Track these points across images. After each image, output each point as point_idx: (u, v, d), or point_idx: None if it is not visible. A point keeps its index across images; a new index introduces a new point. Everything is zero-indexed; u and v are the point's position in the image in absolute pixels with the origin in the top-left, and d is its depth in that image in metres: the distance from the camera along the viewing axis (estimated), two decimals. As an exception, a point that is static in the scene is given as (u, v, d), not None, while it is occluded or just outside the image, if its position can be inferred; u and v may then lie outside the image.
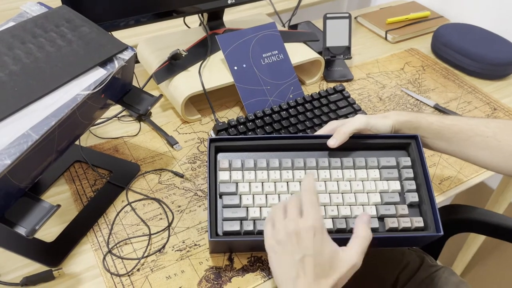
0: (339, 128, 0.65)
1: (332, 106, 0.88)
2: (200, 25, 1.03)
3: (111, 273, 0.62)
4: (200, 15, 0.98)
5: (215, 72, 0.89)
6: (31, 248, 0.64)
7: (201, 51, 0.93)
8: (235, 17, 1.10)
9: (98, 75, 0.62)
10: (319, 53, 1.02)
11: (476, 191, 1.08)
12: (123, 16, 0.83)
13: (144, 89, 0.76)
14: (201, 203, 0.73)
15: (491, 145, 0.64)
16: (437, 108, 0.95)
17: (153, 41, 0.99)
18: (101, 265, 0.64)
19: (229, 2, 0.94)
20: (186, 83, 0.87)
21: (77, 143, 0.79)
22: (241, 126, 0.82)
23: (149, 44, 0.98)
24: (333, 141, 0.65)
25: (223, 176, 0.64)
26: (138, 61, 1.00)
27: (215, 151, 0.66)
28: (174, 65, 0.89)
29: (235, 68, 0.87)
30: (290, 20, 1.16)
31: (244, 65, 0.88)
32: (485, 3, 1.21)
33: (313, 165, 0.65)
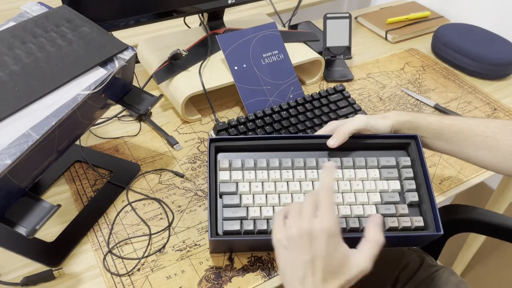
0: (339, 128, 0.65)
1: (332, 106, 0.88)
2: (200, 25, 1.03)
3: (112, 273, 0.63)
4: (200, 15, 0.98)
5: (215, 72, 0.89)
6: (32, 248, 0.64)
7: (201, 51, 0.94)
8: (235, 17, 1.11)
9: (98, 75, 0.62)
10: (319, 53, 1.02)
11: (476, 191, 1.08)
12: (123, 16, 0.84)
13: (144, 89, 0.76)
14: (201, 203, 0.73)
15: (491, 145, 0.64)
16: (437, 108, 0.95)
17: (153, 41, 0.99)
18: (101, 265, 0.64)
19: (229, 2, 0.94)
20: (186, 83, 0.87)
21: (77, 143, 0.79)
22: (241, 126, 0.82)
23: (149, 44, 0.98)
24: (333, 141, 0.65)
25: (223, 176, 0.64)
26: (138, 61, 1.00)
27: (215, 151, 0.66)
28: (174, 65, 0.89)
29: (235, 68, 0.87)
30: (290, 20, 1.16)
31: (244, 65, 0.88)
32: (485, 3, 1.21)
33: (313, 165, 0.65)
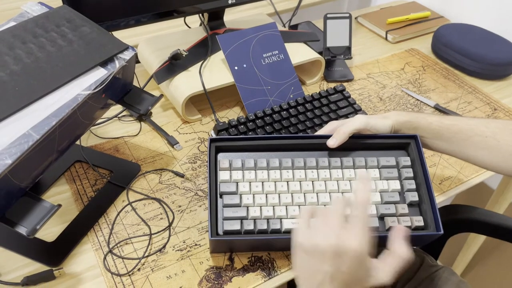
0: (339, 128, 0.66)
1: (332, 106, 0.88)
2: (200, 25, 1.03)
3: (112, 273, 0.63)
4: (200, 15, 0.98)
5: (216, 72, 0.89)
6: (32, 247, 0.65)
7: (201, 51, 0.94)
8: (236, 17, 1.11)
9: (98, 75, 0.62)
10: (320, 53, 1.02)
11: (476, 191, 1.08)
12: (123, 16, 0.84)
13: (144, 89, 0.77)
14: (201, 203, 0.73)
15: (490, 145, 0.65)
16: (437, 108, 0.95)
17: (154, 41, 0.99)
18: (101, 265, 0.64)
19: (229, 2, 0.94)
20: (186, 83, 0.87)
21: (77, 143, 0.79)
22: (242, 126, 0.82)
23: (150, 44, 0.98)
24: (333, 141, 0.65)
25: (223, 175, 0.64)
26: (138, 61, 1.00)
27: (216, 151, 0.66)
28: (174, 65, 0.89)
29: (236, 68, 0.87)
30: (290, 20, 1.16)
31: (244, 65, 0.88)
32: (485, 3, 1.21)
33: (313, 164, 0.66)
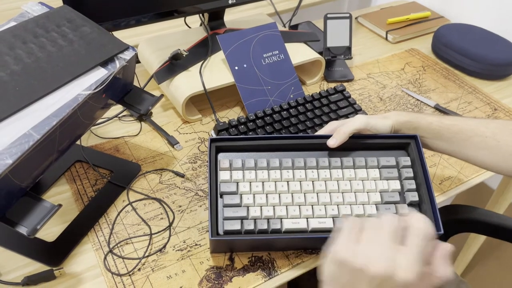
0: (339, 128, 0.66)
1: (332, 106, 0.88)
2: (200, 25, 1.03)
3: (112, 273, 0.63)
4: (201, 15, 0.98)
5: (216, 72, 0.89)
6: (32, 247, 0.65)
7: (201, 51, 0.94)
8: (236, 17, 1.11)
9: (99, 75, 0.62)
10: (320, 53, 1.02)
11: (476, 191, 1.08)
12: (124, 16, 0.84)
13: (145, 89, 0.77)
14: (202, 203, 0.73)
15: (490, 145, 0.65)
16: (437, 108, 0.95)
17: (154, 41, 0.99)
18: (102, 265, 0.64)
19: (229, 2, 0.94)
20: (187, 83, 0.87)
21: (78, 143, 0.79)
22: (242, 126, 0.82)
23: (150, 44, 0.98)
24: (333, 141, 0.65)
25: (223, 175, 0.64)
26: (139, 61, 1.00)
27: (216, 151, 0.66)
28: (174, 65, 0.89)
29: (236, 68, 0.87)
30: (290, 20, 1.16)
31: (244, 65, 0.88)
32: (485, 3, 1.21)
33: (313, 164, 0.66)
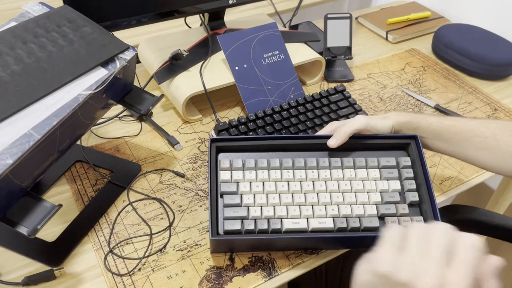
0: (339, 128, 0.66)
1: (333, 106, 0.88)
2: (201, 25, 1.03)
3: (112, 273, 0.63)
4: (201, 15, 0.98)
5: (216, 72, 0.89)
6: (33, 247, 0.65)
7: (202, 51, 0.94)
8: (236, 17, 1.11)
9: (99, 75, 0.62)
10: (320, 53, 1.02)
11: (476, 191, 1.08)
12: (124, 16, 0.84)
13: (145, 89, 0.77)
14: (202, 203, 0.73)
15: (490, 145, 0.65)
16: (437, 108, 0.95)
17: (154, 41, 0.99)
18: (102, 265, 0.64)
19: (230, 2, 0.94)
20: (187, 83, 0.87)
21: (78, 143, 0.79)
22: (242, 126, 0.82)
23: (150, 44, 0.98)
24: (333, 141, 0.65)
25: (224, 175, 0.64)
26: (139, 61, 1.00)
27: (216, 151, 0.66)
28: (175, 65, 0.89)
29: (236, 68, 0.87)
30: (291, 20, 1.16)
31: (245, 65, 0.88)
32: (486, 4, 1.21)
33: (314, 165, 0.66)
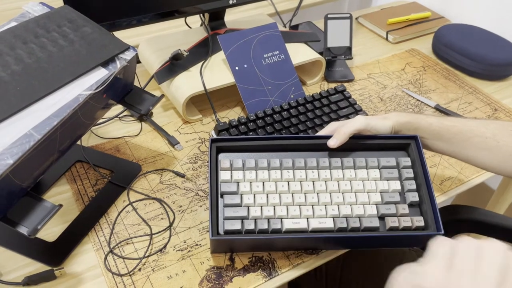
0: (339, 128, 0.66)
1: (333, 106, 0.88)
2: (201, 25, 1.03)
3: (113, 273, 0.63)
4: (201, 15, 0.99)
5: (216, 72, 0.89)
6: (33, 247, 0.65)
7: (202, 51, 0.94)
8: (236, 17, 1.11)
9: (100, 75, 0.62)
10: (320, 53, 1.02)
11: (477, 191, 1.07)
12: (125, 16, 0.84)
13: (145, 89, 0.77)
14: (202, 203, 0.73)
15: (490, 146, 0.65)
16: (438, 108, 0.95)
17: (155, 41, 0.99)
18: (102, 265, 0.64)
19: (230, 2, 0.94)
20: (187, 83, 0.87)
21: (78, 143, 0.79)
22: (242, 126, 0.82)
23: (151, 44, 0.98)
24: (333, 141, 0.65)
25: (224, 175, 0.64)
26: (139, 61, 1.00)
27: (217, 151, 0.66)
28: (175, 65, 0.89)
29: (236, 68, 0.87)
30: (291, 20, 1.16)
31: (245, 65, 0.88)
32: (486, 4, 1.21)
33: (314, 165, 0.66)
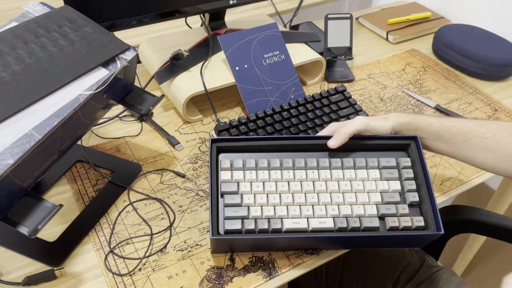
0: (339, 129, 0.66)
1: (333, 106, 0.88)
2: (201, 25, 1.03)
3: (113, 273, 0.63)
4: (201, 16, 0.99)
5: (217, 72, 0.89)
6: (33, 247, 0.65)
7: (202, 51, 0.94)
8: (237, 17, 1.11)
9: (100, 75, 0.62)
10: (321, 53, 1.02)
11: (477, 192, 1.08)
12: (125, 16, 0.84)
13: (145, 89, 0.77)
14: (202, 203, 0.73)
15: (490, 146, 0.65)
16: (438, 109, 0.95)
17: (155, 41, 0.99)
18: (102, 265, 0.64)
19: (230, 2, 0.94)
20: (187, 84, 0.87)
21: (79, 143, 0.79)
22: (243, 126, 0.82)
23: (151, 44, 0.98)
24: (333, 142, 0.65)
25: (224, 175, 0.64)
26: (140, 61, 1.00)
27: (217, 151, 0.66)
28: (175, 65, 0.90)
29: (237, 68, 0.87)
30: (291, 20, 1.16)
31: (245, 66, 0.88)
32: (486, 4, 1.21)
33: (314, 165, 0.66)
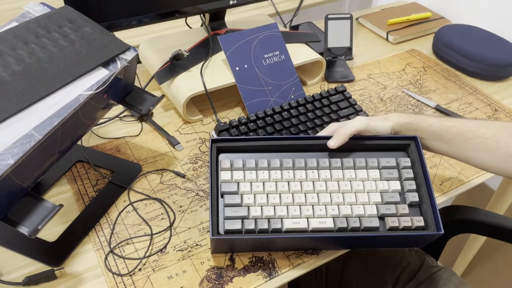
0: (339, 129, 0.66)
1: (333, 106, 0.88)
2: (201, 25, 1.03)
3: (113, 273, 0.63)
4: (202, 16, 0.99)
5: (217, 72, 0.90)
6: (33, 247, 0.65)
7: (202, 51, 0.94)
8: (237, 17, 1.11)
9: (100, 75, 0.62)
10: (321, 53, 1.02)
11: (477, 192, 1.08)
12: (125, 16, 0.84)
13: (146, 90, 0.77)
14: (202, 203, 0.73)
15: (490, 146, 0.65)
16: (438, 109, 0.95)
17: (155, 41, 0.99)
18: (103, 265, 0.64)
19: (230, 2, 0.94)
20: (187, 84, 0.87)
21: (79, 143, 0.79)
22: (243, 126, 0.82)
23: (151, 44, 0.98)
24: (333, 142, 0.65)
25: (224, 176, 0.64)
26: (140, 62, 1.00)
27: (217, 151, 0.67)
28: (175, 65, 0.90)
29: (237, 68, 0.87)
30: (291, 20, 1.16)
31: (245, 66, 0.88)
32: (486, 4, 1.21)
33: (314, 165, 0.66)
